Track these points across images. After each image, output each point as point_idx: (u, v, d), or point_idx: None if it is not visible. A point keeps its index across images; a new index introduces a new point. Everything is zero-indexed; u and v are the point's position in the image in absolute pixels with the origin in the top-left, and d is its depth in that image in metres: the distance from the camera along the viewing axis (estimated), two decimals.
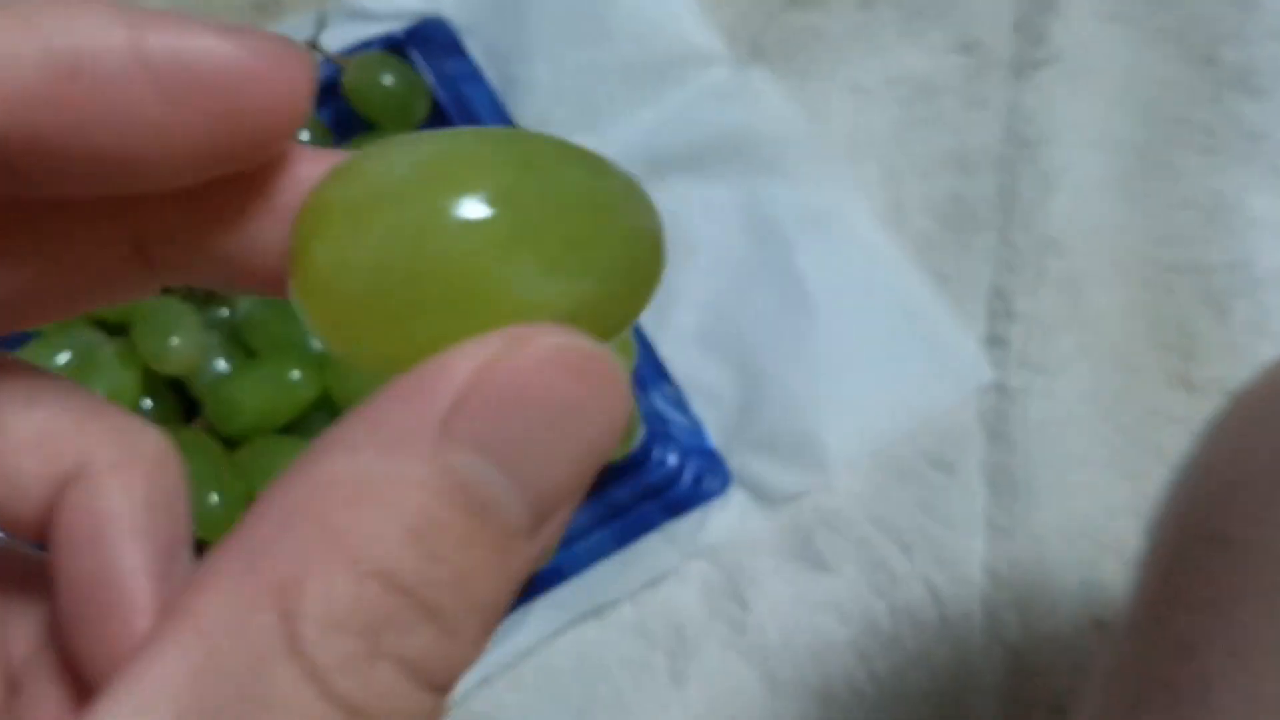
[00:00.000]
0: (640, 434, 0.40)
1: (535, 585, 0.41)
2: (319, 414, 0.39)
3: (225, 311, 0.40)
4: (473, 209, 0.11)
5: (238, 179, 0.12)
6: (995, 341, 0.43)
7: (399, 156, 0.12)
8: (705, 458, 0.43)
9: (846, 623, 0.40)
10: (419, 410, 0.10)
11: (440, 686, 0.10)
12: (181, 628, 0.09)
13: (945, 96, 0.47)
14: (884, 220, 0.46)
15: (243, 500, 0.36)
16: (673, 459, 0.42)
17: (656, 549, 0.41)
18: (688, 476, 0.42)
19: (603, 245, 0.12)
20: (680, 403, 0.44)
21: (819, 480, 0.41)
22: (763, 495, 0.42)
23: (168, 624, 0.10)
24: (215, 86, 0.10)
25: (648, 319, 0.45)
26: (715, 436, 0.43)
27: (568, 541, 0.41)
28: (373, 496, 0.10)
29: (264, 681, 0.09)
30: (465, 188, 0.11)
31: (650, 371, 0.44)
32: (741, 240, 0.45)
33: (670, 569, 0.41)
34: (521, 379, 0.10)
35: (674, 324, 0.44)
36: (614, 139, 0.47)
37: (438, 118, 0.45)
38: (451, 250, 0.11)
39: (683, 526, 0.42)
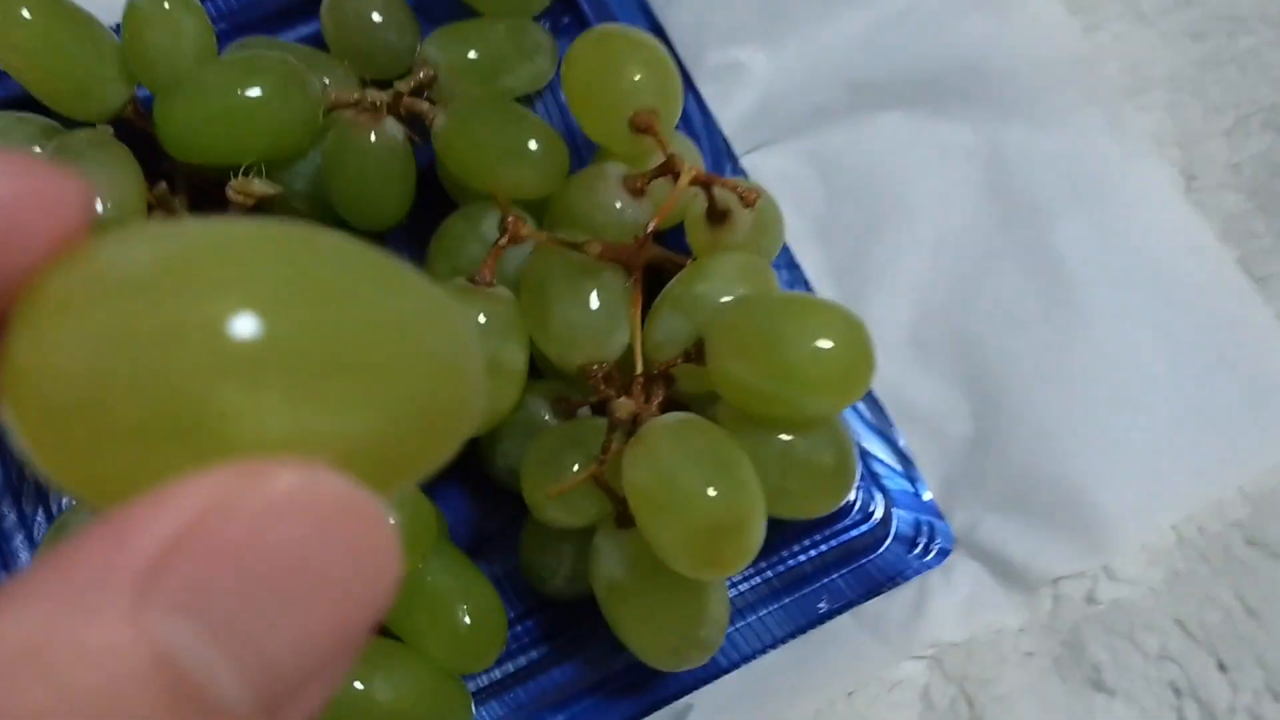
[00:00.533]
0: (854, 479, 0.27)
1: (674, 680, 0.28)
2: None
3: None
4: (217, 315, 0.09)
5: None
6: None
7: (141, 245, 0.10)
8: (919, 509, 0.30)
9: None
10: (115, 560, 0.08)
11: None
12: None
13: (1262, 28, 0.34)
14: (1176, 190, 0.33)
15: None
16: (875, 508, 0.30)
17: (852, 641, 0.29)
18: (893, 534, 0.30)
19: (386, 375, 0.10)
20: (885, 429, 0.31)
21: (1096, 558, 0.29)
22: (1009, 573, 0.29)
23: None
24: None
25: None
26: (934, 481, 0.31)
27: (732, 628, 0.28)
28: (41, 665, 0.08)
29: None
30: (211, 289, 0.09)
31: None
32: (979, 204, 0.32)
33: (874, 672, 0.28)
34: (248, 526, 0.08)
35: (876, 314, 0.31)
36: (800, 57, 0.34)
37: (564, 8, 0.32)
38: (182, 363, 0.09)
39: (890, 610, 0.29)
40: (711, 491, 0.23)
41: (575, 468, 0.25)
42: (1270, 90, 0.34)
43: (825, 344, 0.24)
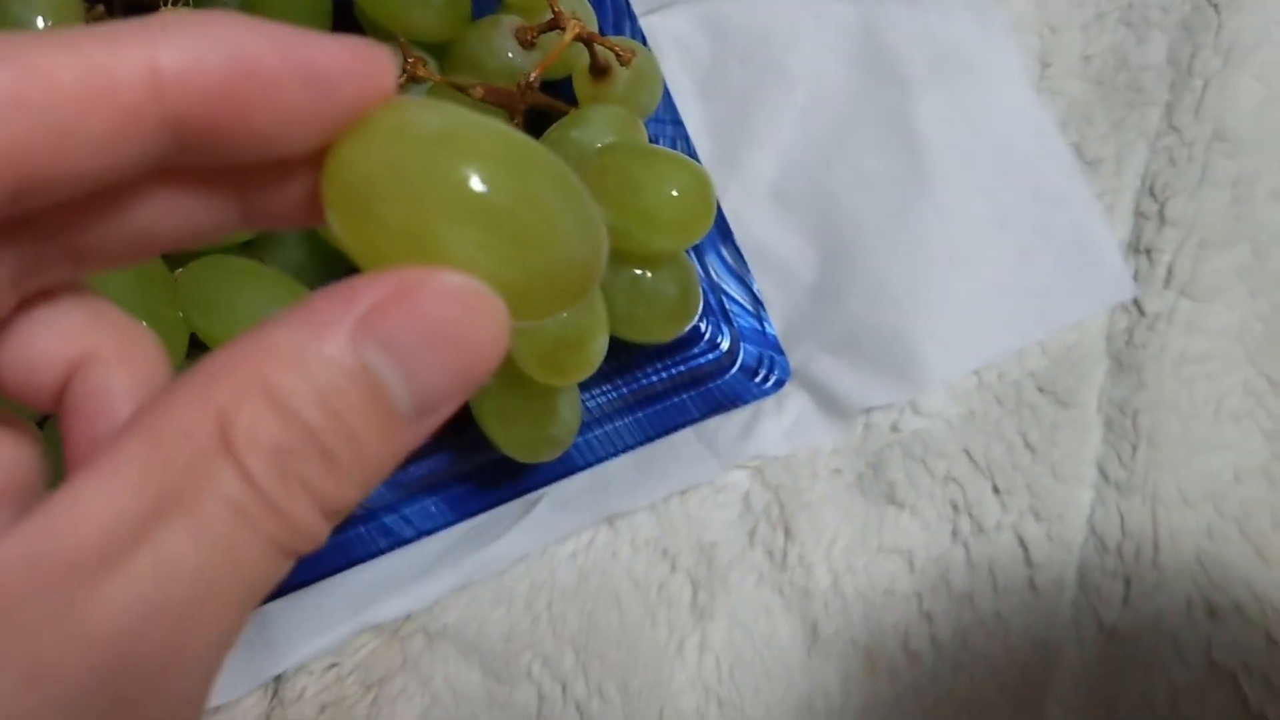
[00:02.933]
0: (698, 310, 0.31)
1: (537, 474, 0.33)
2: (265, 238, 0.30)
3: None
4: (458, 172, 0.14)
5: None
6: (1140, 251, 0.35)
7: (429, 112, 0.15)
8: (762, 344, 0.35)
9: (914, 572, 0.33)
10: (344, 309, 0.13)
11: (329, 512, 0.13)
12: (138, 430, 0.13)
13: None
14: (1028, 76, 0.36)
15: (180, 327, 0.28)
16: (724, 340, 0.34)
17: (690, 451, 0.34)
18: (739, 364, 0.34)
19: (544, 242, 0.15)
20: (742, 273, 0.35)
21: (904, 394, 0.34)
22: (831, 403, 0.34)
23: (127, 430, 0.13)
24: (339, 81, 0.14)
25: (712, 159, 0.36)
26: (779, 321, 0.35)
27: (583, 426, 0.33)
28: (297, 362, 0.13)
29: (202, 470, 0.12)
30: (460, 155, 0.14)
31: (712, 230, 0.35)
32: (849, 74, 0.36)
33: (705, 478, 0.33)
34: (424, 304, 0.14)
35: (747, 170, 0.35)
36: None
37: None
38: (429, 193, 0.14)
39: (725, 429, 0.34)
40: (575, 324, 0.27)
41: None
42: None
43: (674, 191, 0.28)
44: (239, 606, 0.13)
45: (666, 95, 0.35)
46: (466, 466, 0.33)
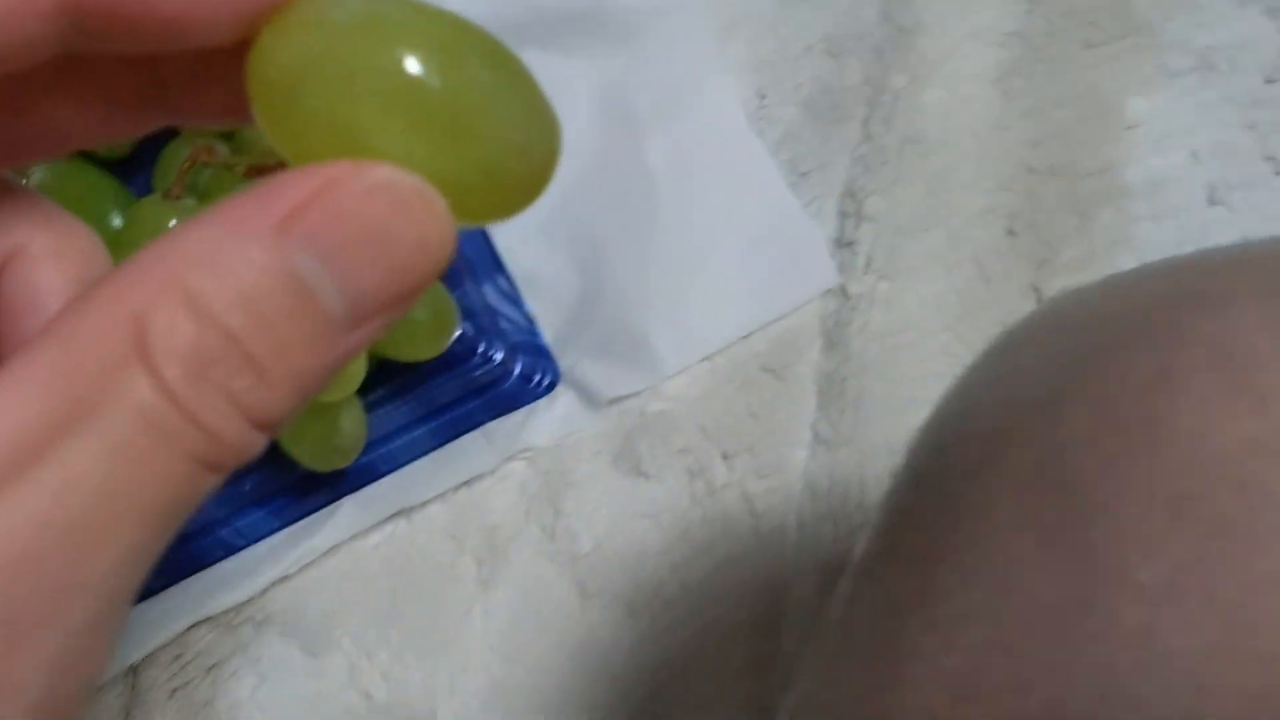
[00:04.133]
0: (455, 330, 0.38)
1: (345, 481, 0.39)
2: None
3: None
4: (382, 58, 0.13)
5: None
6: (843, 244, 0.41)
7: (353, 3, 0.14)
8: (535, 355, 0.41)
9: (661, 531, 0.39)
10: (267, 207, 0.12)
11: (257, 423, 0.13)
12: (51, 335, 0.12)
13: None
14: (748, 107, 0.43)
15: None
16: (499, 354, 0.40)
17: (474, 448, 0.40)
18: (515, 373, 0.41)
19: (482, 138, 0.14)
20: (514, 297, 0.42)
21: (647, 383, 0.40)
22: (590, 397, 0.40)
23: (42, 334, 0.12)
24: None
25: None
26: (549, 333, 0.41)
27: (383, 439, 0.40)
28: (218, 263, 0.12)
29: (113, 378, 0.12)
30: (385, 41, 0.13)
31: (484, 262, 0.42)
32: (592, 124, 0.42)
33: (486, 469, 0.39)
34: (351, 200, 0.13)
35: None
36: (470, 9, 0.43)
37: None
38: (351, 82, 0.13)
39: (504, 426, 0.40)
40: None
41: None
42: (832, 23, 0.44)
43: None
44: (154, 526, 0.12)
45: None
46: (288, 479, 0.40)
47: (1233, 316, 0.19)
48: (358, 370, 0.35)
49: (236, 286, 0.12)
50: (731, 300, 0.41)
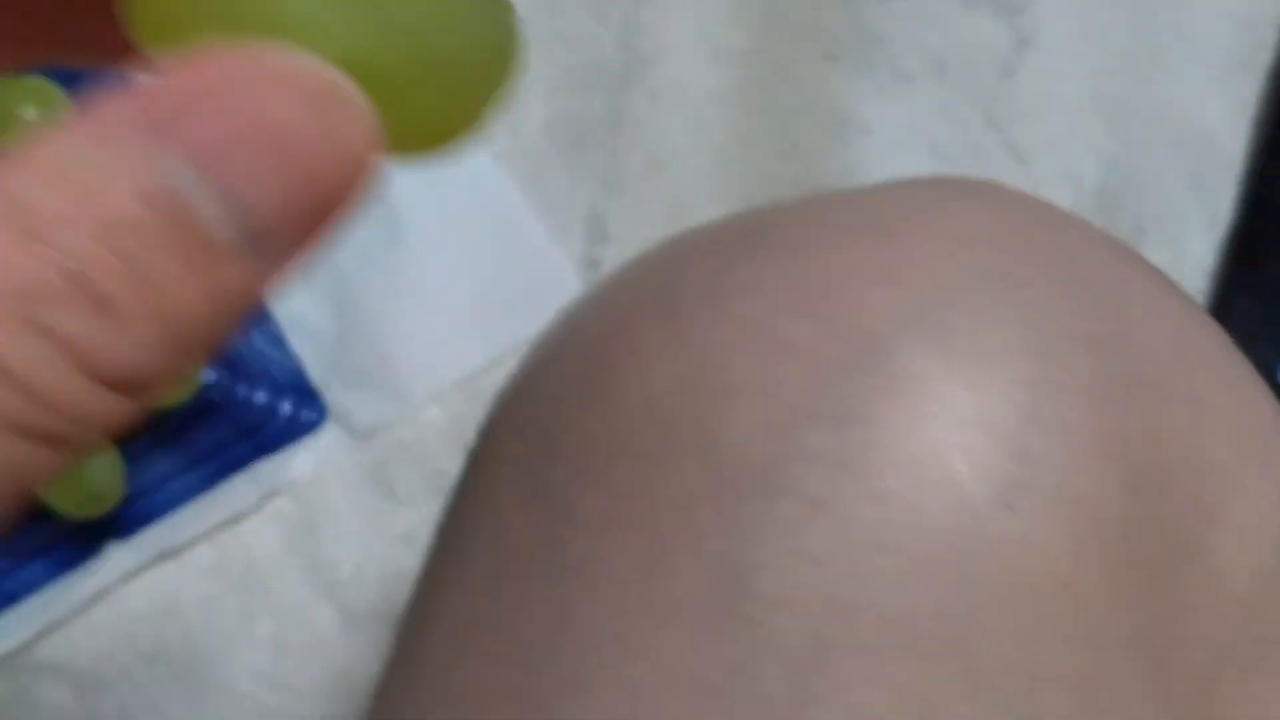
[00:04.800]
0: (197, 379, 0.39)
1: (112, 529, 0.41)
2: None
3: None
4: None
5: None
6: (590, 264, 0.43)
7: None
8: (300, 394, 0.43)
9: (416, 554, 0.40)
10: (136, 110, 0.10)
11: (106, 380, 0.10)
12: None
13: (569, 11, 0.46)
14: (500, 143, 0.45)
15: None
16: (261, 397, 0.42)
17: (239, 488, 0.41)
18: (282, 414, 0.42)
19: (414, 27, 0.11)
20: (278, 340, 0.44)
21: (399, 411, 0.41)
22: (352, 429, 0.42)
23: None
24: None
25: None
26: (314, 372, 0.43)
27: (149, 487, 0.41)
28: (70, 180, 0.10)
29: None
30: None
31: None
32: None
33: (249, 508, 0.41)
34: (243, 94, 0.10)
35: None
36: None
37: None
38: None
39: (268, 465, 0.42)
40: None
41: None
42: (573, 56, 0.46)
43: None
44: None
45: None
46: (63, 528, 0.41)
47: (677, 274, 0.21)
48: None
49: (87, 205, 0.10)
50: (478, 327, 0.42)
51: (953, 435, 0.17)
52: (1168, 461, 0.18)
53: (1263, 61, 0.46)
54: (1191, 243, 0.44)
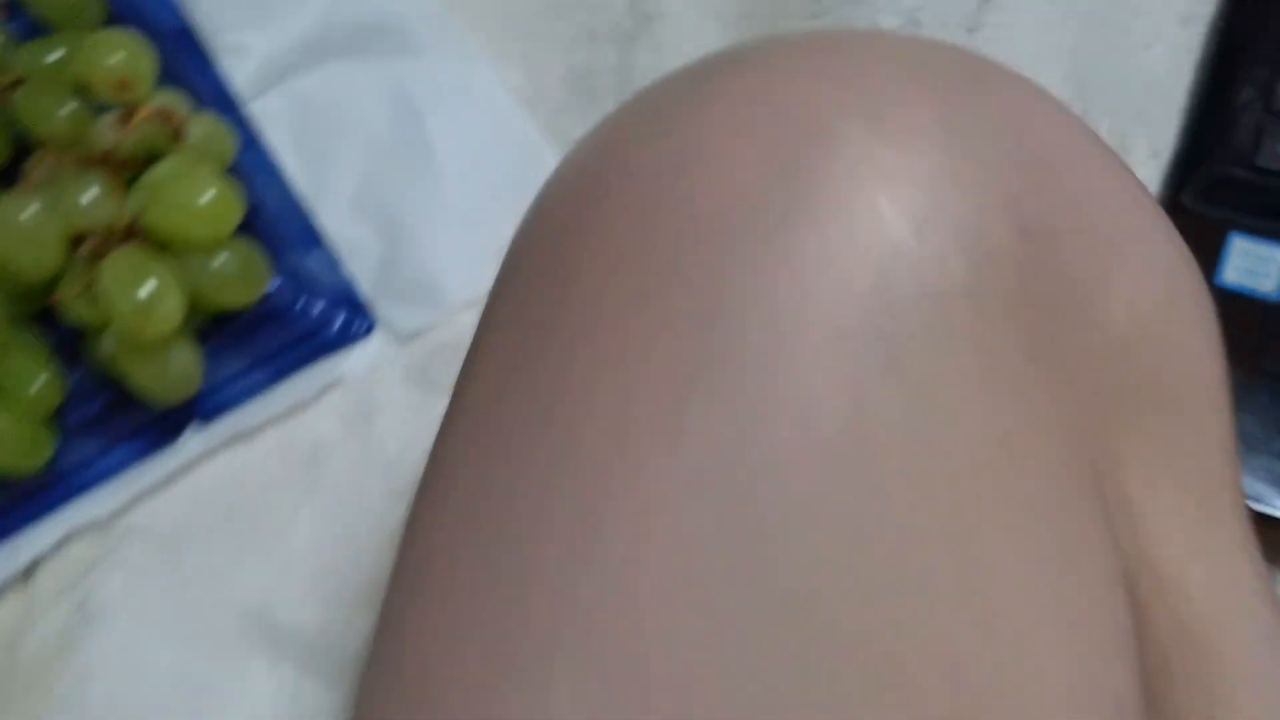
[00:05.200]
0: (265, 282, 0.46)
1: (191, 416, 0.47)
2: None
3: None
4: None
5: None
6: None
7: None
8: (352, 307, 0.49)
9: None
10: None
11: None
12: None
13: None
14: (523, 91, 0.52)
15: None
16: (319, 308, 0.49)
17: (301, 383, 0.48)
18: (336, 324, 0.49)
19: None
20: (333, 262, 0.50)
21: (438, 317, 0.48)
22: (397, 334, 0.48)
23: None
24: None
25: (308, 187, 0.51)
26: (364, 288, 0.50)
27: (223, 383, 0.48)
28: None
29: None
30: None
31: (304, 236, 0.50)
32: (385, 116, 0.51)
33: (309, 399, 0.47)
34: None
35: (332, 192, 0.51)
36: (286, 31, 0.52)
37: (114, 19, 0.51)
38: None
39: (326, 364, 0.48)
40: (141, 294, 0.42)
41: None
42: (589, 16, 0.53)
43: (206, 204, 0.43)
44: None
45: (259, 149, 0.51)
46: (146, 417, 0.48)
47: (663, 88, 0.26)
48: (173, 309, 0.43)
49: None
50: (502, 246, 0.48)
51: (880, 186, 0.22)
52: (1057, 225, 0.24)
53: (1204, 15, 0.52)
54: (1137, 168, 0.50)
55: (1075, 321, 0.24)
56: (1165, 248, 0.26)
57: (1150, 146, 0.50)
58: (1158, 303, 0.25)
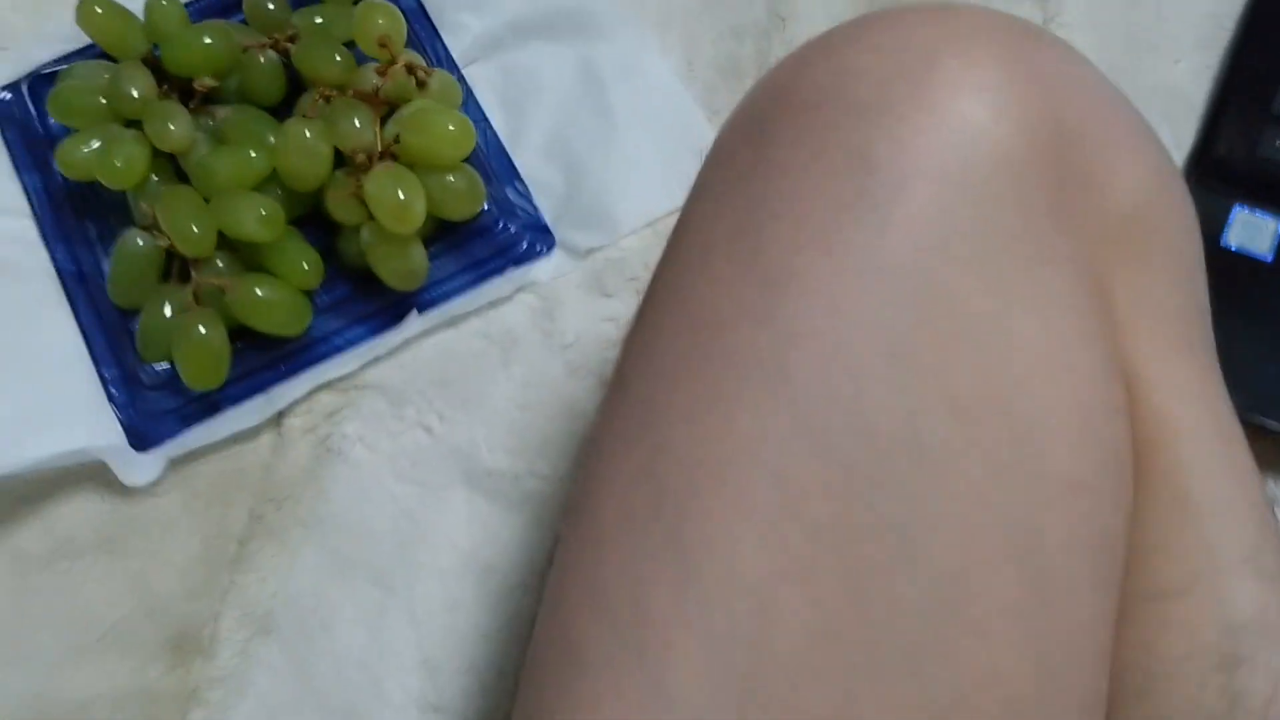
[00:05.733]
0: (482, 201, 0.59)
1: (416, 303, 0.60)
2: (268, 183, 0.59)
3: (209, 121, 0.60)
4: None
5: None
6: None
7: None
8: (539, 230, 0.63)
9: (620, 329, 0.59)
10: None
11: None
12: None
13: None
14: (680, 71, 0.65)
15: (212, 230, 0.56)
16: (514, 229, 0.62)
17: (499, 284, 0.61)
18: (525, 242, 0.62)
19: None
20: (527, 195, 0.63)
21: (610, 239, 0.61)
22: (574, 251, 0.62)
23: None
24: None
25: (508, 136, 0.64)
26: (549, 216, 0.63)
27: (440, 280, 0.61)
28: None
29: None
30: None
31: (506, 172, 0.63)
32: (574, 83, 0.65)
33: (505, 296, 0.60)
34: None
35: (526, 141, 0.64)
36: (498, 13, 0.66)
37: None
38: None
39: (518, 272, 0.61)
40: (401, 195, 0.55)
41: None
42: (735, 17, 0.66)
43: (450, 126, 0.56)
44: None
45: (475, 103, 0.64)
46: (379, 302, 0.61)
47: (834, 33, 0.39)
48: (421, 210, 0.56)
49: None
50: (662, 187, 0.62)
51: (968, 92, 0.35)
52: (1082, 130, 0.36)
53: (1222, 39, 0.65)
54: None
55: (1089, 195, 0.37)
56: (1157, 157, 0.39)
57: (1174, 139, 0.63)
58: (1149, 191, 0.38)
